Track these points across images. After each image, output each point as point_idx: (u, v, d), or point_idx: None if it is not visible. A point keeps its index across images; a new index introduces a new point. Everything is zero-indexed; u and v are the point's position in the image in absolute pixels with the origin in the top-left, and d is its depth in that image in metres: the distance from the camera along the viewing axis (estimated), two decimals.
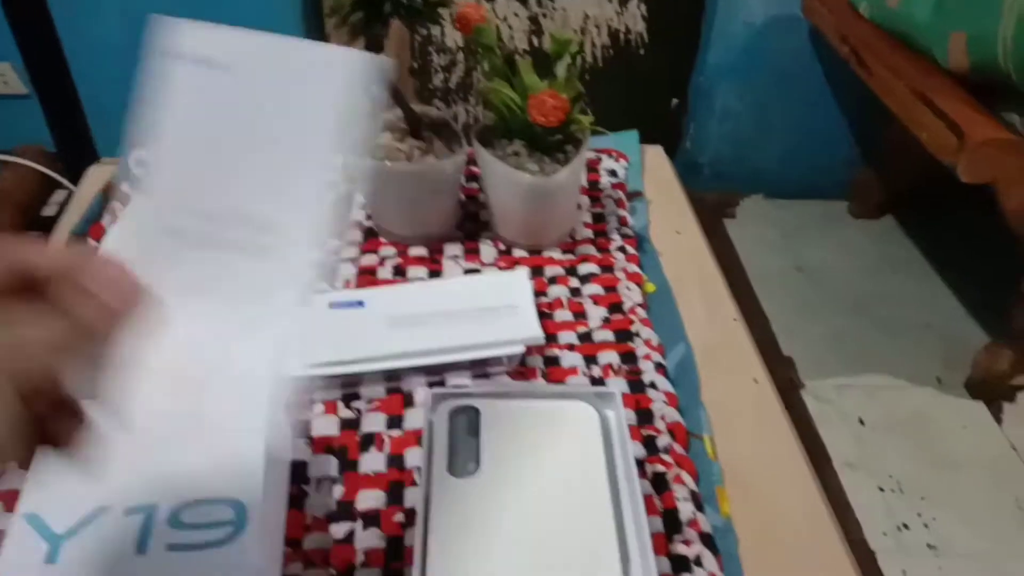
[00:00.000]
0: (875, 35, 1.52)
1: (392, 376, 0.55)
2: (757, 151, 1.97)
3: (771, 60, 1.83)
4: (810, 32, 1.77)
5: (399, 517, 0.48)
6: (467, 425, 0.45)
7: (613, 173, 0.77)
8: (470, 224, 0.70)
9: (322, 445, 0.52)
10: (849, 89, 1.82)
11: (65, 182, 1.53)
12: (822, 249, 1.90)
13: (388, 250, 0.67)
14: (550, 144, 0.63)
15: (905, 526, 1.33)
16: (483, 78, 0.65)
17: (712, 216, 1.98)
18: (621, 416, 0.46)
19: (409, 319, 0.57)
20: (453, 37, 1.75)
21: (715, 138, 1.94)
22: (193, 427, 0.43)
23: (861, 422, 1.50)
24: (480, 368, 0.56)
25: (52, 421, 0.27)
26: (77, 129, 1.16)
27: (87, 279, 0.27)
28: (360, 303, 0.59)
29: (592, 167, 0.77)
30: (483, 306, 0.58)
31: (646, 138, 0.84)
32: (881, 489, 1.38)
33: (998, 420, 1.52)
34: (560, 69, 0.63)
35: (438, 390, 0.46)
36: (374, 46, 0.59)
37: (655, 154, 0.82)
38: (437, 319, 0.57)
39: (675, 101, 1.94)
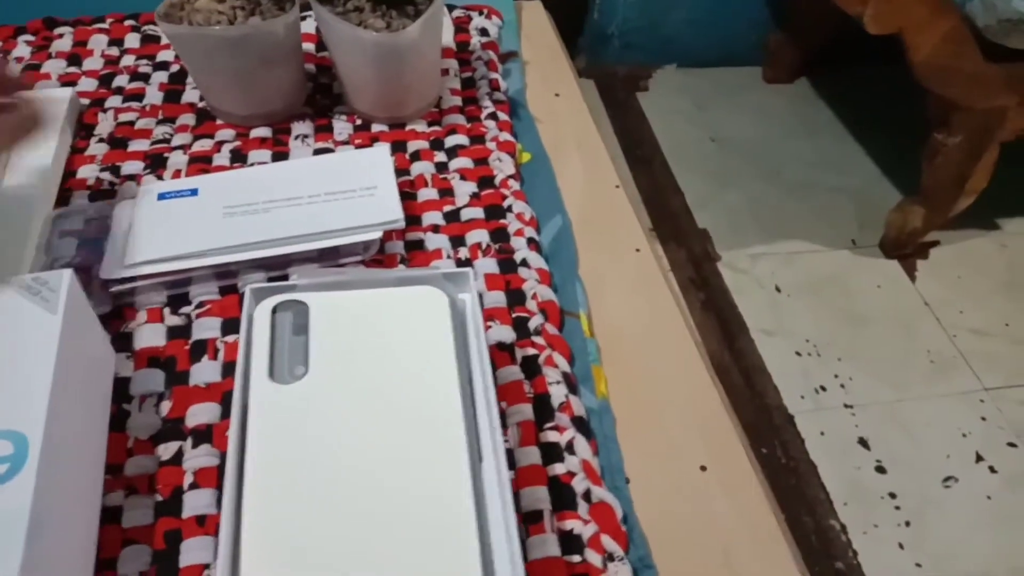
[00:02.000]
0: None
1: (227, 274, 0.48)
2: (667, 18, 1.88)
3: None
4: None
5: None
6: (294, 323, 0.39)
7: (484, 32, 0.68)
8: (322, 98, 0.62)
9: (147, 358, 0.45)
10: None
11: None
12: (736, 117, 1.86)
13: (225, 133, 0.58)
14: None
15: (822, 388, 1.34)
16: None
17: (624, 89, 1.91)
18: (475, 297, 0.40)
19: (249, 208, 0.50)
20: None
21: (623, 6, 1.84)
22: None
23: (777, 289, 1.49)
24: (331, 260, 0.50)
25: None
26: None
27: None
28: (193, 191, 0.51)
29: (461, 26, 0.69)
30: (336, 189, 0.51)
31: (551, 6, 0.75)
32: (798, 353, 1.39)
33: (912, 277, 1.53)
34: None
35: (258, 284, 0.40)
36: None
37: (533, 9, 0.74)
38: (282, 206, 0.50)
39: None
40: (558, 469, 0.41)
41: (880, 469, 1.24)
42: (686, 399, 0.46)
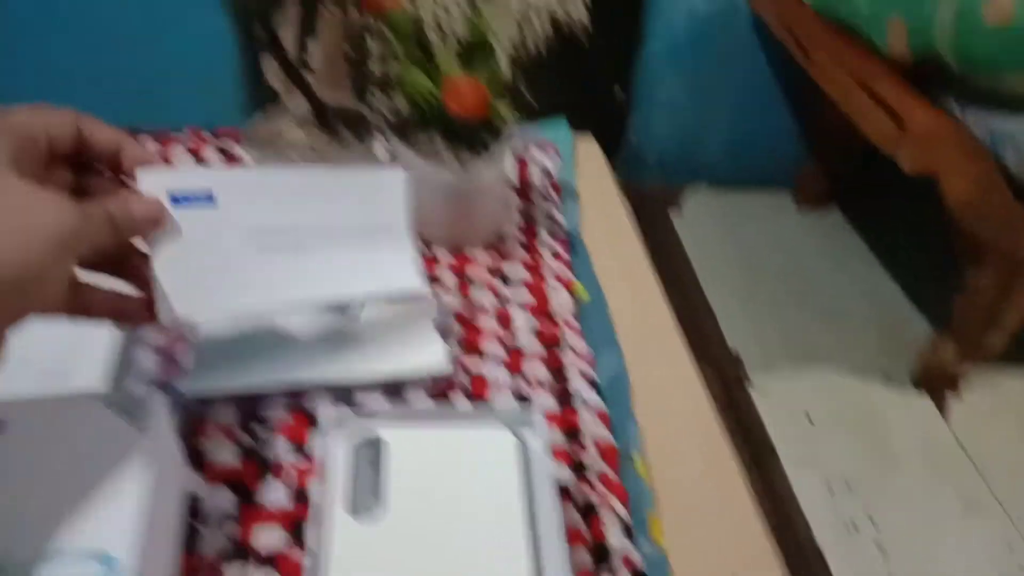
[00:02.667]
0: (817, 23, 1.50)
1: (296, 392, 0.50)
2: (701, 142, 1.94)
3: (714, 50, 1.80)
4: (753, 21, 1.75)
5: (304, 560, 0.42)
6: (369, 457, 0.40)
7: (543, 167, 0.72)
8: None
9: (218, 476, 0.46)
10: (793, 79, 1.81)
11: None
12: (767, 241, 1.89)
13: None
14: (470, 137, 0.58)
15: (854, 525, 1.32)
16: (398, 66, 0.59)
17: (658, 208, 1.95)
18: (544, 442, 0.42)
19: (279, 242, 0.44)
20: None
21: (659, 129, 1.91)
22: (58, 463, 0.37)
23: (808, 418, 1.48)
24: (397, 388, 0.51)
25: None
26: None
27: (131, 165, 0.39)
28: (209, 197, 0.41)
29: (520, 161, 0.73)
30: (353, 226, 0.46)
31: (591, 130, 0.79)
32: (829, 487, 1.37)
33: (943, 413, 1.51)
34: (481, 57, 0.58)
35: (335, 414, 0.41)
36: (307, 28, 0.53)
37: (587, 145, 0.78)
38: (305, 251, 0.45)
39: (619, 92, 1.90)
40: None
41: None
42: (739, 546, 0.46)
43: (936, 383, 1.53)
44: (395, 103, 0.59)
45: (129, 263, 0.40)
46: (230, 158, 0.71)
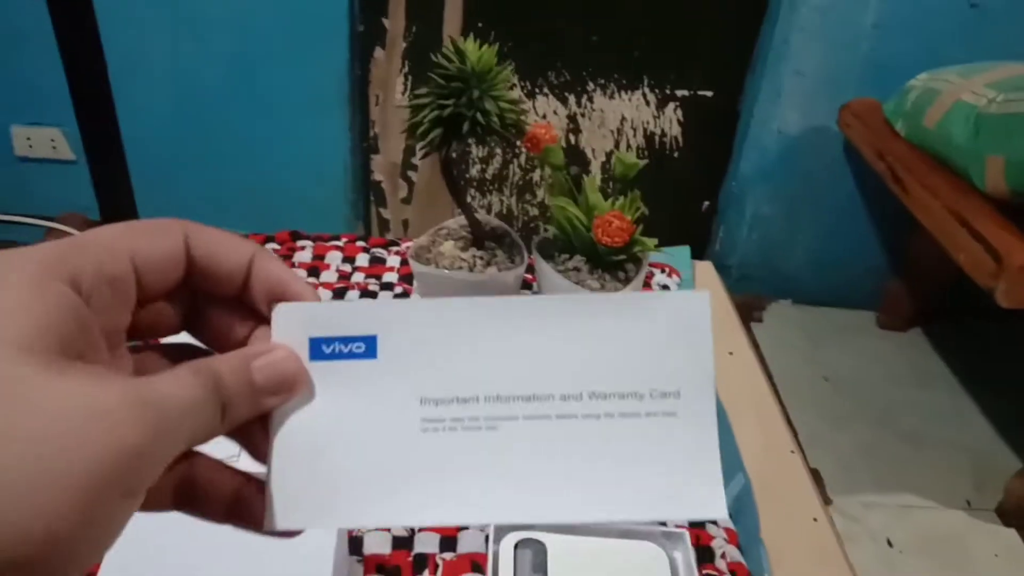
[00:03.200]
0: (911, 153, 1.54)
1: None
2: (785, 257, 1.98)
3: (803, 170, 1.85)
4: (844, 145, 1.80)
5: None
6: (532, 560, 0.44)
7: (665, 288, 0.77)
8: None
9: (374, 564, 0.51)
10: (880, 202, 1.84)
11: None
12: (849, 358, 1.89)
13: None
14: (611, 262, 0.63)
15: None
16: (548, 194, 0.66)
17: (739, 318, 1.98)
18: (691, 560, 0.45)
19: (465, 424, 0.27)
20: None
21: (744, 242, 1.96)
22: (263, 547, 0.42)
23: (889, 543, 1.45)
24: None
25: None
26: (123, 198, 1.18)
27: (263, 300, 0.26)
28: (371, 350, 0.27)
29: (646, 282, 0.77)
30: (614, 396, 0.27)
31: (676, 241, 0.84)
32: None
33: None
34: (626, 192, 0.64)
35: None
36: (446, 163, 0.60)
37: (705, 270, 0.83)
38: (522, 442, 0.27)
39: (706, 204, 1.96)
40: None
41: None
42: None
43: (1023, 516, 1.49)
44: (510, 203, 0.65)
45: (249, 431, 0.26)
46: (377, 262, 0.77)
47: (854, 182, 1.86)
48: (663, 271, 0.79)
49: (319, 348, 0.26)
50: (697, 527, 0.54)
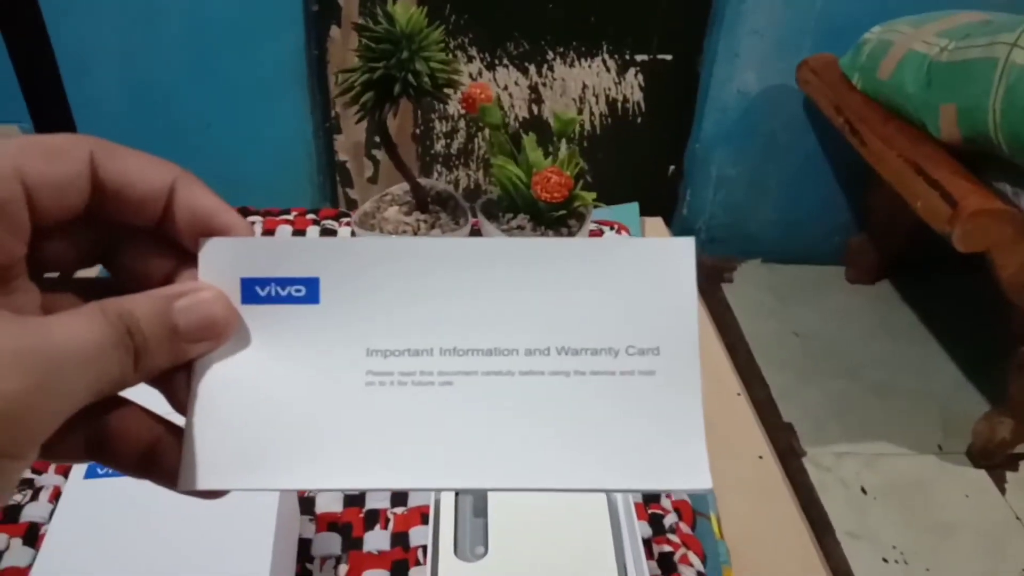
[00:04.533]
0: (868, 106, 1.56)
1: None
2: (752, 217, 1.99)
3: (765, 129, 1.86)
4: (804, 102, 1.81)
5: None
6: (474, 505, 0.45)
7: None
8: None
9: (325, 522, 0.51)
10: (842, 156, 1.86)
11: None
12: (819, 314, 1.91)
13: None
14: (553, 218, 0.64)
15: None
16: (488, 153, 0.66)
17: (709, 281, 2.00)
18: (628, 497, 0.46)
19: (414, 375, 0.25)
20: (456, 104, 1.79)
21: (711, 204, 1.97)
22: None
23: (863, 490, 1.48)
24: None
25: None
26: None
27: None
28: (313, 295, 0.24)
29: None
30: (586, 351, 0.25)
31: (644, 205, 0.85)
32: (885, 560, 1.36)
33: (1001, 489, 1.51)
34: (563, 147, 0.64)
35: None
36: (381, 125, 0.60)
37: (655, 226, 0.84)
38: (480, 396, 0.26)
39: (672, 168, 1.97)
40: None
41: None
42: None
43: (992, 458, 1.52)
44: (478, 177, 0.66)
45: (170, 379, 0.23)
46: (328, 234, 0.78)
47: (815, 138, 1.87)
48: (611, 228, 0.79)
49: (252, 290, 0.23)
50: None
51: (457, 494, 0.45)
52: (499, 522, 0.44)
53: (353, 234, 0.76)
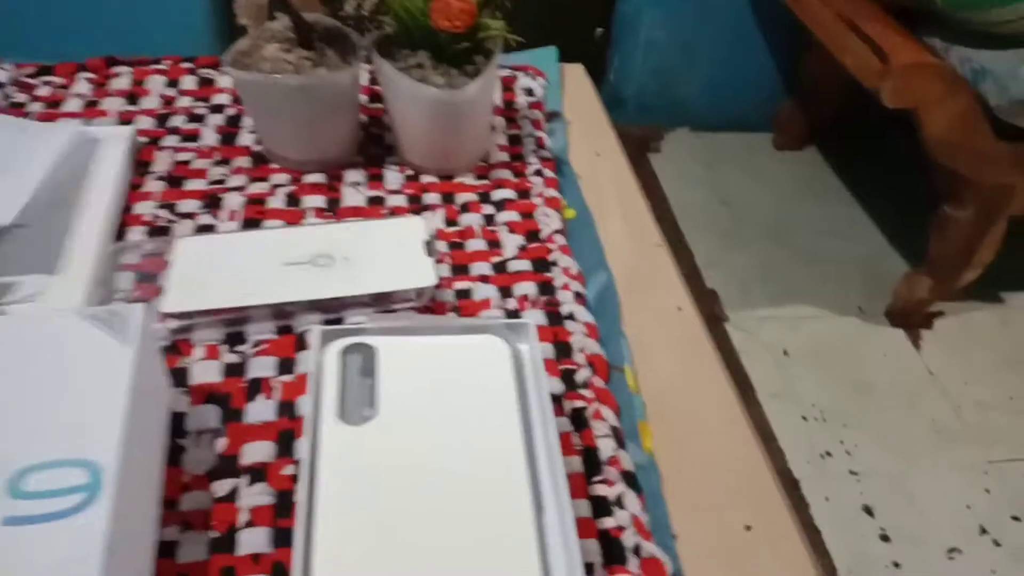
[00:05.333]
0: None
1: (283, 315, 0.50)
2: (681, 83, 1.93)
3: None
4: None
5: (289, 470, 0.43)
6: (362, 365, 0.40)
7: (530, 92, 0.71)
8: (374, 148, 0.64)
9: (203, 394, 0.46)
10: (773, 20, 1.79)
11: None
12: (746, 181, 1.89)
13: (280, 177, 0.60)
14: (457, 54, 0.57)
15: (828, 454, 1.35)
16: None
17: (637, 150, 1.94)
18: (536, 349, 0.42)
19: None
20: None
21: (639, 70, 1.89)
22: (38, 375, 0.37)
23: (784, 352, 1.50)
24: (385, 305, 0.51)
25: None
26: None
27: None
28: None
29: (507, 85, 0.71)
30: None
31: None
32: (804, 418, 1.39)
33: (917, 347, 1.54)
34: None
35: (329, 327, 0.41)
36: None
37: (575, 73, 0.77)
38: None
39: (599, 31, 1.88)
40: (608, 523, 0.41)
41: (884, 538, 1.24)
42: (729, 456, 0.47)
43: (910, 317, 1.55)
44: (381, 20, 0.58)
45: None
46: (206, 84, 0.69)
47: (748, 1, 1.80)
48: (527, 73, 0.73)
49: None
50: (555, 325, 0.51)
51: (344, 353, 0.40)
52: (389, 381, 0.39)
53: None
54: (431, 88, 0.55)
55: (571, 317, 0.52)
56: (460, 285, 0.54)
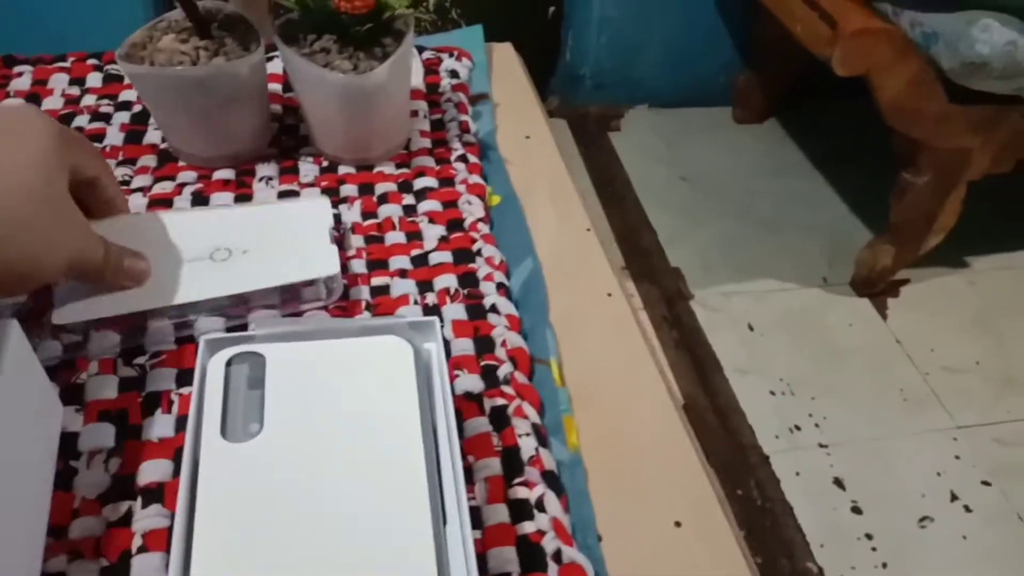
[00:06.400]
0: None
1: (183, 324, 0.46)
2: (638, 60, 1.90)
3: None
4: None
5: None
6: (249, 376, 0.37)
7: (454, 74, 0.68)
8: (288, 140, 0.61)
9: (96, 411, 0.43)
10: None
11: None
12: (707, 156, 1.87)
13: (187, 175, 0.57)
14: (363, 37, 0.54)
15: (797, 427, 1.34)
16: None
17: (596, 129, 1.92)
18: (441, 348, 0.39)
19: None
20: None
21: (594, 48, 1.86)
22: None
23: (750, 327, 1.49)
24: (293, 306, 0.48)
25: None
26: None
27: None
28: None
29: (431, 68, 0.68)
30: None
31: (524, 51, 0.75)
32: (772, 392, 1.38)
33: (883, 315, 1.53)
34: None
35: (214, 335, 0.38)
36: None
37: (504, 52, 0.74)
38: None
39: (552, 9, 1.84)
40: (527, 528, 0.39)
41: (856, 510, 1.23)
42: (659, 450, 0.44)
43: (874, 285, 1.54)
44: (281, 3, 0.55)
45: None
46: (113, 80, 0.65)
47: None
48: (451, 55, 0.69)
49: None
50: (477, 318, 0.49)
51: (230, 363, 0.37)
52: (279, 392, 0.36)
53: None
54: (337, 74, 0.52)
55: (493, 310, 0.49)
56: (377, 281, 0.51)
